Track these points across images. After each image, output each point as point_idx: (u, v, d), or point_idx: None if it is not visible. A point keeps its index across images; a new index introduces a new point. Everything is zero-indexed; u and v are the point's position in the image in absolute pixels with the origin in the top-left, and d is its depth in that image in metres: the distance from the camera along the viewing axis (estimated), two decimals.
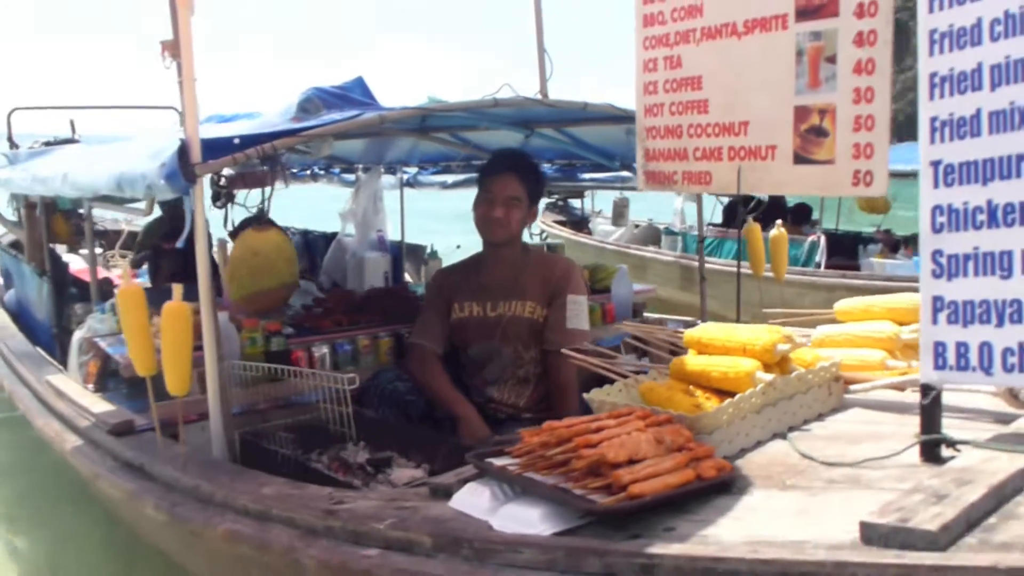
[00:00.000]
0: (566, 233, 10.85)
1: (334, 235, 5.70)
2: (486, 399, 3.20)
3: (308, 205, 7.87)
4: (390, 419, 2.92)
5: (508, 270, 3.19)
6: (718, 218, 9.91)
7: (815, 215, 9.08)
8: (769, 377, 1.90)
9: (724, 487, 1.62)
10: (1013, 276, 1.51)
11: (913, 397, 2.03)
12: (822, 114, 2.16)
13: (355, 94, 3.15)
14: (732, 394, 1.92)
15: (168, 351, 2.30)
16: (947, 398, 1.73)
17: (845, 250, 7.79)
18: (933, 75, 1.64)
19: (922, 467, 1.59)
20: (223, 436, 2.54)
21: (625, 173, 4.55)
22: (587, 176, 4.91)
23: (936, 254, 1.61)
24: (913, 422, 1.84)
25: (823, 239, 7.31)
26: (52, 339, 4.71)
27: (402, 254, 5.83)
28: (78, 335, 3.62)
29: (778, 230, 3.73)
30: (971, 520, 1.30)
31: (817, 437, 1.88)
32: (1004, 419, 1.73)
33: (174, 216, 6.15)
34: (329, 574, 1.72)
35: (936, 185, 1.62)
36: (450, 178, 5.75)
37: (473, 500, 1.74)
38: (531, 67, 3.06)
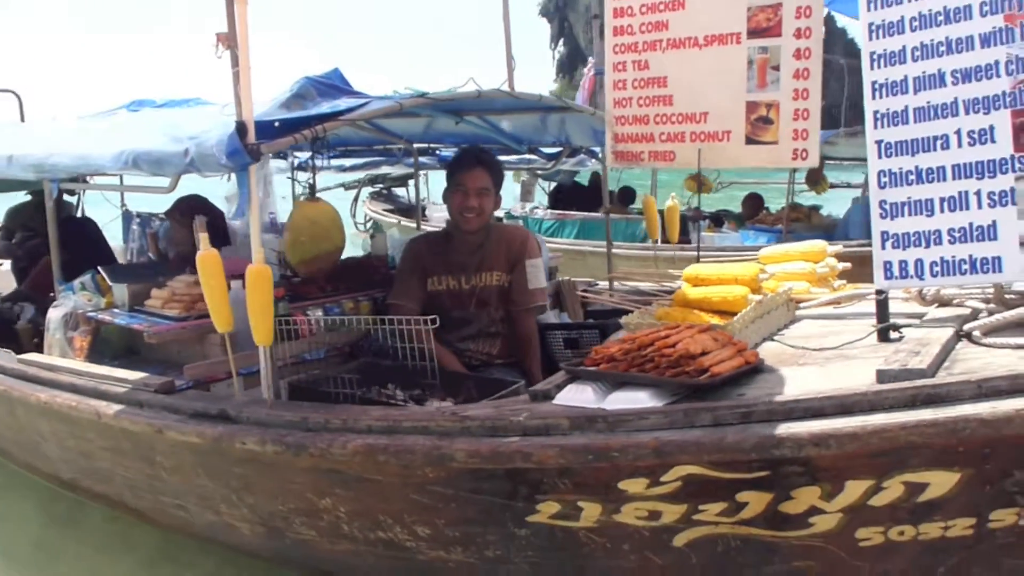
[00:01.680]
0: (397, 220, 11.39)
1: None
2: (462, 350, 3.72)
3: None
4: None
5: (475, 247, 3.69)
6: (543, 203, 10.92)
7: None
8: (758, 298, 2.64)
9: (759, 369, 2.33)
10: (934, 215, 2.34)
11: (843, 310, 2.87)
12: (768, 107, 2.94)
13: (339, 83, 3.54)
14: (729, 314, 2.64)
15: (253, 308, 2.64)
16: (869, 307, 2.55)
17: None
18: (874, 83, 2.43)
19: (881, 346, 2.39)
20: (272, 384, 2.90)
21: (530, 156, 5.19)
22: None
23: (882, 203, 2.41)
24: (853, 325, 2.66)
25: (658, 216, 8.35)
26: None
27: None
28: (57, 314, 3.70)
29: (672, 201, 4.56)
30: (937, 364, 2.09)
31: (794, 338, 2.64)
32: (918, 315, 2.57)
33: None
34: (479, 461, 2.22)
35: (880, 156, 2.42)
36: (347, 162, 6.09)
37: (578, 396, 2.32)
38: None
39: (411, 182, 11.08)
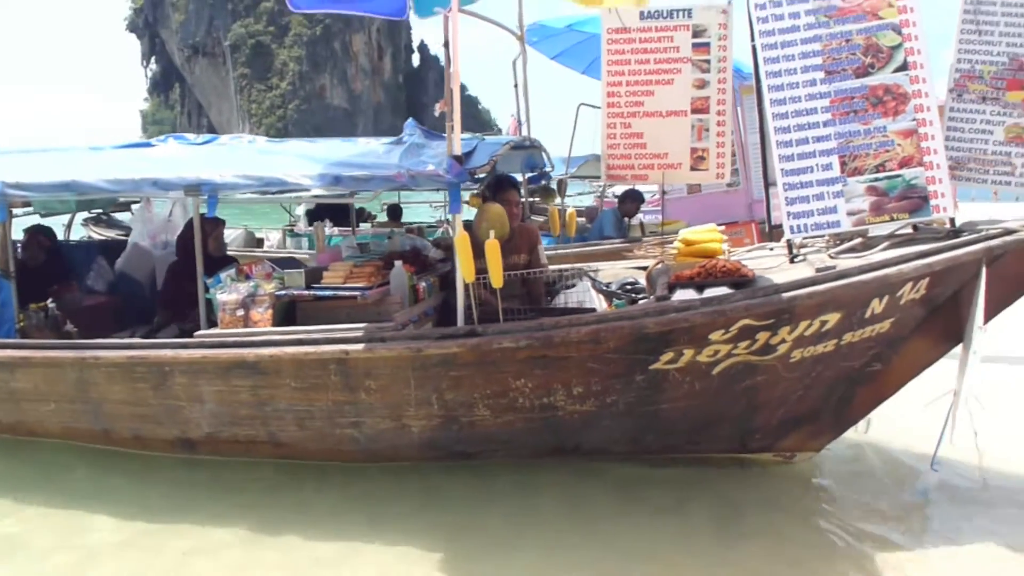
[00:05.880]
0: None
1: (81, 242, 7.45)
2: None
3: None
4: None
5: (508, 239, 5.74)
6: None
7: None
8: (726, 247, 5.18)
9: (755, 277, 4.84)
10: (809, 203, 5.09)
11: (750, 255, 5.56)
12: (703, 151, 5.52)
13: (425, 129, 5.32)
14: (711, 257, 5.14)
15: (491, 265, 4.45)
16: (762, 253, 5.25)
17: None
18: (778, 141, 5.13)
19: (793, 265, 5.06)
20: (464, 317, 4.70)
21: None
22: None
23: (787, 198, 5.10)
24: (764, 262, 5.35)
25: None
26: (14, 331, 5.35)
27: None
28: (232, 297, 4.85)
29: (570, 209, 6.94)
30: (831, 264, 4.79)
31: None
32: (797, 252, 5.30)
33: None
34: (660, 327, 4.39)
35: (784, 176, 5.12)
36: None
37: (686, 294, 4.61)
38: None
39: (135, 207, 10.71)
